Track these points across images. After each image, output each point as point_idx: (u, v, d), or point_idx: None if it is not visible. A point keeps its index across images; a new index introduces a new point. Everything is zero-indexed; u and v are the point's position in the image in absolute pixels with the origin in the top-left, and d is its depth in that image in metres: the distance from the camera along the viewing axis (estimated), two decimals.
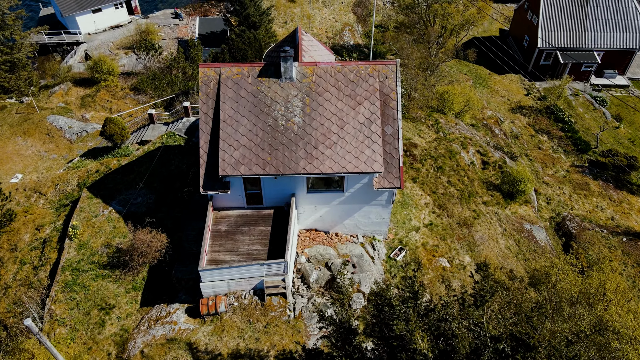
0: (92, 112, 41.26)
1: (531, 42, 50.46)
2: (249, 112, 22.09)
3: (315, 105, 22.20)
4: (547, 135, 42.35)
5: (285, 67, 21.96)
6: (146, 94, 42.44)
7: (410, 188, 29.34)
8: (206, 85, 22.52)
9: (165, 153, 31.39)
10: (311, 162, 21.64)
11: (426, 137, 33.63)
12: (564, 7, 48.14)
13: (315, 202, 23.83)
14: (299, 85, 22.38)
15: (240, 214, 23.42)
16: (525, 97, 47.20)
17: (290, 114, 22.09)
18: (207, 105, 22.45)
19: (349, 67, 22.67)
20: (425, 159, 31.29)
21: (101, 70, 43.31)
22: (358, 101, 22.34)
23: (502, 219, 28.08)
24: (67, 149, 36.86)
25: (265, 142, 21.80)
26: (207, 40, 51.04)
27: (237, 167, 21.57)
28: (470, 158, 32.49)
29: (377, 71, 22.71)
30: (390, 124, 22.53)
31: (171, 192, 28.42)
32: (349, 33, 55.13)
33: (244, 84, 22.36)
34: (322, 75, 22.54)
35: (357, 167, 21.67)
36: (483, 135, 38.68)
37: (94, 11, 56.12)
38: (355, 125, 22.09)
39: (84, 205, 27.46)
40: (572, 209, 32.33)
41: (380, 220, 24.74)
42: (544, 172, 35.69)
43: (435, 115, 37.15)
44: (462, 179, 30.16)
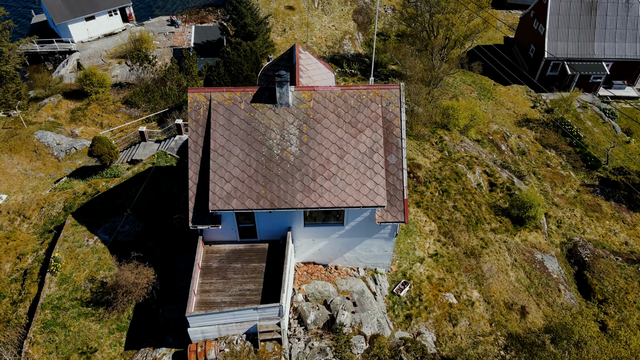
0: (82, 127, 39.66)
1: (537, 51, 48.86)
2: (241, 140, 20.51)
3: (313, 134, 20.62)
4: (555, 151, 40.73)
5: (281, 92, 20.38)
6: (138, 107, 40.85)
7: (414, 213, 27.75)
8: (196, 111, 20.93)
9: (155, 175, 29.80)
10: (308, 196, 20.06)
11: (430, 156, 32.03)
12: (572, 16, 46.54)
13: (314, 236, 22.25)
14: (296, 112, 20.80)
15: (232, 249, 21.83)
16: (531, 110, 45.60)
17: (286, 142, 20.51)
18: (197, 133, 20.87)
19: (350, 92, 21.08)
20: (429, 181, 29.71)
21: (91, 82, 41.68)
22: (359, 129, 20.75)
23: (511, 248, 26.48)
24: (55, 167, 35.27)
25: (259, 173, 20.22)
26: (203, 49, 49.47)
27: (228, 201, 19.98)
28: (476, 179, 30.90)
29: (380, 96, 21.12)
30: (394, 153, 20.95)
31: (161, 218, 26.84)
32: (349, 42, 53.51)
33: (236, 110, 20.77)
34: (321, 100, 20.96)
35: (358, 200, 20.09)
36: (489, 152, 37.09)
37: (87, 19, 54.52)
38: (356, 155, 20.51)
39: (68, 233, 25.87)
40: (584, 233, 30.73)
41: (382, 253, 23.16)
42: (553, 193, 34.10)
43: (439, 131, 35.55)
44: (468, 204, 28.56)
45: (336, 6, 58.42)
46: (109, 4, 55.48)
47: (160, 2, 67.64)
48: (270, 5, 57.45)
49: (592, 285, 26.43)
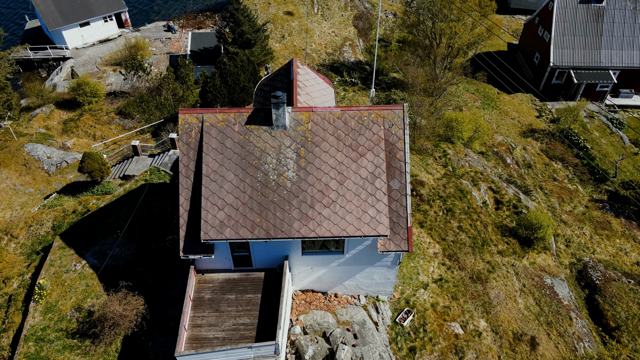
0: (74, 139, 38.49)
1: (542, 59, 47.67)
2: (235, 165, 19.33)
3: (312, 158, 19.44)
4: (562, 163, 39.56)
5: (277, 114, 19.20)
6: (132, 118, 39.68)
7: (418, 234, 26.58)
8: (187, 133, 19.75)
9: (148, 193, 28.62)
10: (306, 224, 18.88)
11: (434, 172, 30.86)
12: (578, 23, 45.36)
13: (312, 264, 21.07)
14: (293, 134, 19.62)
15: (226, 278, 20.65)
16: (536, 119, 44.41)
17: (282, 167, 19.33)
18: (188, 157, 19.69)
19: (350, 113, 19.89)
20: (433, 199, 28.53)
21: (84, 92, 40.51)
22: (360, 152, 19.57)
23: (519, 272, 25.29)
24: (45, 182, 34.10)
25: (254, 200, 19.03)
26: (200, 57, 48.29)
27: (221, 230, 18.81)
28: (482, 197, 29.72)
29: (382, 117, 19.94)
30: (397, 178, 19.76)
31: (153, 241, 25.67)
32: (349, 48, 52.30)
33: (230, 132, 19.59)
34: (320, 122, 19.78)
35: (360, 229, 18.91)
36: (494, 165, 35.90)
37: (82, 25, 53.37)
38: (357, 181, 19.33)
39: (55, 257, 24.69)
40: (593, 252, 29.54)
41: (385, 280, 21.98)
42: (561, 209, 32.92)
43: (442, 145, 34.37)
44: (474, 224, 27.38)
45: (336, 12, 57.24)
46: (104, 9, 54.33)
47: (157, 7, 66.49)
48: (269, 10, 56.27)
49: (604, 311, 25.25)
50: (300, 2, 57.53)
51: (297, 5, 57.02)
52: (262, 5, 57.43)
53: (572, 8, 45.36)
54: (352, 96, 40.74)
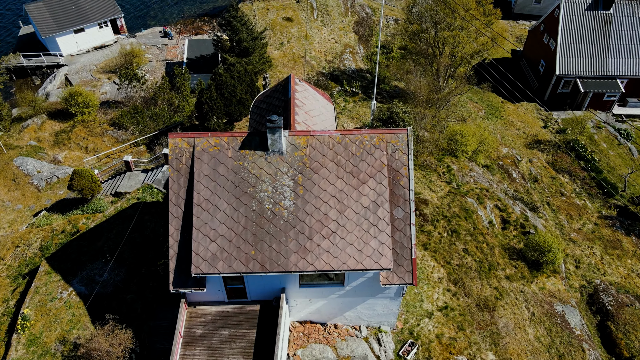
0: (66, 152, 37.29)
1: (548, 67, 46.47)
2: (228, 193, 18.14)
3: (310, 185, 18.25)
4: (569, 176, 38.36)
5: (273, 139, 18.02)
6: (126, 130, 38.49)
7: (421, 257, 25.39)
8: (177, 159, 18.56)
9: (140, 212, 27.43)
10: (304, 257, 17.70)
11: (438, 190, 29.66)
12: (585, 32, 44.15)
13: (310, 296, 19.89)
14: (290, 160, 18.43)
15: (219, 311, 19.47)
16: (542, 130, 43.22)
17: (279, 195, 18.14)
18: (178, 184, 18.50)
19: (351, 137, 18.70)
20: (437, 219, 27.34)
21: (77, 102, 39.33)
22: (362, 179, 18.38)
23: (529, 298, 24.10)
24: (34, 198, 32.93)
25: (248, 231, 17.85)
26: (196, 65, 47.10)
27: (213, 264, 17.63)
28: (488, 216, 28.53)
29: (385, 142, 18.75)
30: (401, 206, 18.57)
31: (144, 265, 24.49)
32: (349, 56, 51.10)
33: (223, 158, 18.41)
34: (318, 147, 18.59)
35: (361, 262, 17.73)
36: (499, 180, 34.71)
37: (76, 31, 52.19)
38: (358, 210, 18.14)
39: (41, 283, 23.51)
40: (604, 274, 28.35)
41: (387, 312, 20.80)
42: (569, 227, 31.73)
43: (446, 159, 33.18)
44: (480, 246, 26.19)
45: (336, 17, 56.05)
46: (99, 16, 53.16)
47: (154, 12, 65.29)
48: (268, 16, 55.10)
49: (617, 340, 24.05)
50: (299, 8, 56.35)
51: (296, 11, 55.84)
52: (261, 10, 56.27)
53: (578, 15, 44.17)
54: (352, 107, 39.57)
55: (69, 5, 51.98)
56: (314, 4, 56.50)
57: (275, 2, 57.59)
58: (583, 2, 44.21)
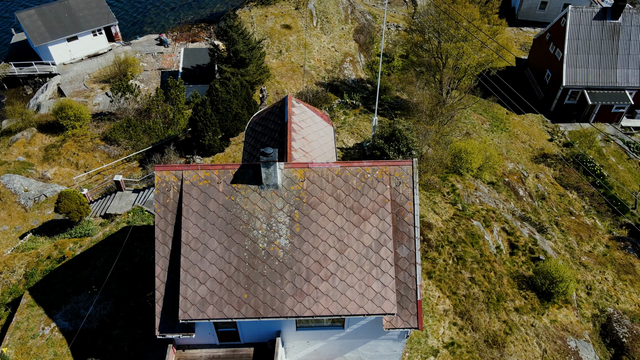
0: (55, 168, 35.96)
1: (554, 77, 45.12)
2: (219, 231, 16.80)
3: (307, 222, 16.91)
4: (577, 192, 37.04)
5: (267, 173, 16.68)
6: (119, 144, 37.13)
7: (426, 287, 24.05)
8: (164, 194, 17.22)
9: (130, 238, 26.10)
10: (301, 301, 16.36)
11: (442, 212, 28.32)
12: (592, 41, 42.81)
13: (308, 338, 18.55)
14: (286, 195, 17.09)
15: (210, 355, 18.13)
16: (548, 143, 41.89)
17: (274, 234, 16.80)
18: (165, 221, 17.16)
19: (352, 170, 17.36)
20: (442, 245, 26.00)
21: (67, 116, 37.98)
22: (363, 216, 17.04)
23: (540, 333, 22.76)
24: (21, 219, 31.57)
25: (240, 273, 16.51)
26: (192, 75, 45.75)
27: (203, 308, 16.29)
28: (495, 241, 27.19)
29: (388, 174, 17.41)
30: (405, 244, 17.23)
31: (132, 296, 23.17)
32: (350, 65, 49.75)
33: (213, 192, 17.06)
34: (316, 180, 17.24)
35: (362, 306, 16.39)
36: (505, 198, 33.37)
37: (69, 39, 50.82)
38: (360, 249, 16.80)
39: (22, 318, 22.17)
40: (617, 301, 27.01)
41: (390, 352, 19.46)
42: (580, 249, 30.39)
43: (450, 178, 31.85)
44: (487, 274, 24.85)
45: (336, 25, 54.69)
46: (92, 23, 51.80)
47: (150, 18, 63.95)
48: (266, 24, 53.72)
49: None
50: (298, 15, 55.00)
51: (295, 18, 54.47)
52: (259, 18, 54.91)
53: (586, 25, 42.83)
54: (353, 121, 38.22)
55: (62, 13, 50.63)
56: (313, 11, 55.17)
57: (274, 9, 56.25)
58: (590, 11, 42.87)
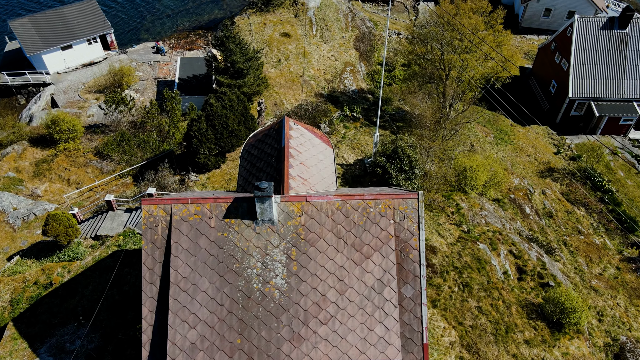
0: (46, 184, 34.82)
1: (560, 88, 44.02)
2: (211, 270, 15.65)
3: (305, 261, 15.76)
4: (585, 209, 35.88)
5: (262, 208, 15.53)
6: (112, 159, 35.99)
7: (431, 316, 22.88)
8: (152, 229, 16.06)
9: (121, 263, 24.95)
10: (298, 346, 15.20)
11: (447, 235, 27.16)
12: (599, 52, 41.71)
13: None
14: (282, 231, 15.93)
15: None
16: (555, 157, 40.75)
17: (269, 273, 15.64)
18: (153, 259, 16.00)
19: (353, 204, 16.21)
20: (447, 270, 24.84)
21: (60, 129, 36.85)
22: (365, 253, 15.89)
23: None
24: (9, 239, 30.41)
25: (233, 316, 15.35)
26: (189, 86, 44.63)
27: (193, 355, 15.12)
28: (502, 265, 26.03)
29: (392, 208, 16.26)
30: (410, 283, 16.08)
31: (122, 328, 22.01)
32: (350, 75, 48.65)
33: (204, 228, 15.91)
34: (315, 215, 16.09)
35: (364, 352, 15.24)
36: (512, 217, 32.22)
37: (63, 48, 49.80)
38: (362, 290, 15.65)
39: (5, 352, 21.00)
40: (630, 329, 25.85)
41: None
42: (590, 272, 29.24)
43: (455, 197, 30.70)
44: (495, 303, 23.68)
45: (336, 33, 53.60)
46: (87, 31, 50.78)
47: (147, 25, 62.89)
48: (265, 32, 52.66)
49: None
50: (298, 23, 53.94)
51: (294, 26, 53.41)
52: (257, 25, 53.86)
53: (592, 35, 41.73)
54: (353, 135, 37.08)
55: (56, 21, 49.58)
56: (313, 18, 54.10)
57: (273, 16, 55.21)
58: (597, 20, 41.79)
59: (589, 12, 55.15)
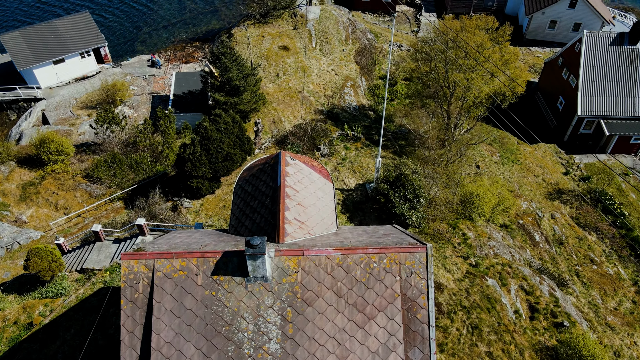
0: (32, 209, 33.28)
1: (568, 105, 42.54)
2: (197, 334, 14.09)
3: (302, 322, 14.20)
4: (596, 234, 34.33)
5: (254, 265, 13.99)
6: (102, 183, 34.47)
7: None
8: (132, 287, 14.51)
9: (106, 303, 23.38)
10: None
11: (454, 269, 25.60)
12: (609, 68, 40.25)
13: None
14: (277, 289, 14.39)
15: None
16: (563, 177, 39.23)
17: (262, 337, 14.08)
18: (133, 320, 14.44)
19: (355, 258, 14.67)
20: (454, 310, 23.26)
21: (49, 150, 35.37)
22: (369, 314, 14.34)
23: None
24: None
25: None
26: (184, 103, 43.14)
27: None
28: (513, 303, 24.46)
29: (398, 263, 14.72)
30: (418, 346, 14.51)
31: None
32: (351, 90, 47.19)
33: (190, 286, 14.36)
34: (313, 271, 14.55)
35: None
36: (521, 244, 30.68)
37: (56, 62, 48.35)
38: (365, 356, 14.09)
39: None
40: None
41: None
42: (604, 306, 27.67)
43: (461, 225, 29.17)
44: (507, 348, 22.10)
45: (336, 46, 52.17)
46: (80, 45, 49.36)
47: (143, 36, 61.50)
48: (263, 45, 51.24)
49: None
50: (297, 35, 52.54)
51: (293, 39, 52.00)
52: (255, 38, 52.45)
53: (602, 50, 40.29)
54: (354, 156, 35.56)
55: (48, 35, 48.18)
56: (312, 31, 52.71)
57: (271, 28, 53.81)
58: (607, 36, 40.36)
59: (595, 24, 53.78)
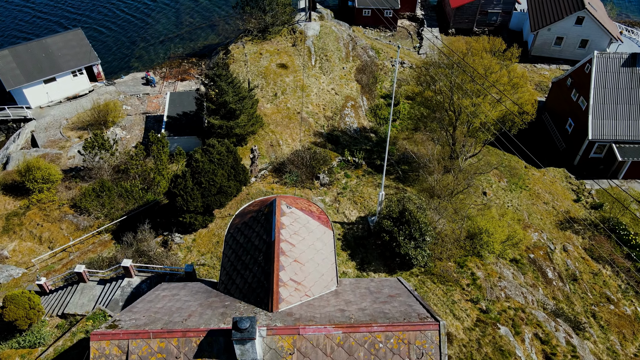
0: (15, 242, 31.52)
1: (577, 128, 40.87)
2: None
3: None
4: (611, 267, 32.53)
5: (243, 350, 12.20)
6: (90, 214, 32.71)
7: None
8: None
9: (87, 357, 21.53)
10: None
11: (463, 316, 23.77)
12: (621, 90, 38.61)
13: None
14: None
15: None
16: (574, 204, 37.45)
17: None
18: None
19: (358, 338, 12.88)
20: None
21: (34, 178, 33.67)
22: None
23: None
24: None
25: None
26: (178, 125, 41.45)
27: None
28: (528, 355, 22.61)
29: (407, 343, 12.93)
30: None
31: None
32: (351, 111, 45.53)
33: None
34: (310, 352, 12.76)
35: None
36: (532, 282, 28.88)
37: (47, 81, 46.75)
38: None
39: None
40: None
41: None
42: (624, 353, 25.80)
43: (469, 263, 27.38)
44: None
45: (336, 63, 50.58)
46: (72, 63, 47.79)
47: (138, 52, 59.94)
48: (260, 62, 49.66)
49: None
50: (296, 53, 50.97)
51: (292, 57, 50.41)
52: (253, 55, 50.87)
53: (613, 72, 38.67)
54: (355, 185, 33.82)
55: (39, 53, 46.61)
56: (312, 48, 51.15)
57: (269, 45, 52.26)
58: (618, 57, 38.77)
59: (603, 40, 52.26)
